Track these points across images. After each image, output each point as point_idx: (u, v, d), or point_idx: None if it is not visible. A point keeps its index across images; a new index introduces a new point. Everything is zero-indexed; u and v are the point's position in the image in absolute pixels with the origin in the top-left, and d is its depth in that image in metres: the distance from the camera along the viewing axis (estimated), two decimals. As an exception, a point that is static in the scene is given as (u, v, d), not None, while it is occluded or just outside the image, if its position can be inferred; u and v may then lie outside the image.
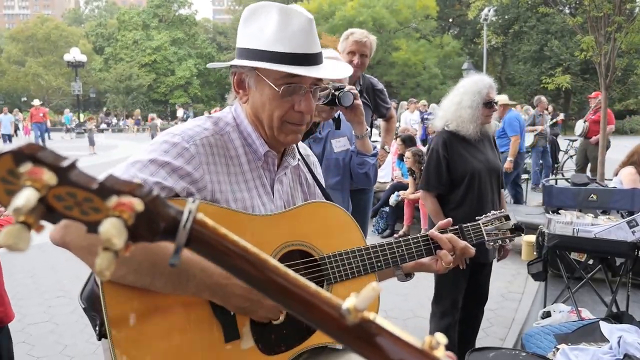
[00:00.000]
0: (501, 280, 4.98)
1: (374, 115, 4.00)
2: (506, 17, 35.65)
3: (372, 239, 5.70)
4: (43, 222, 0.54)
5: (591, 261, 4.19)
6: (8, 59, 50.13)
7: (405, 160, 6.83)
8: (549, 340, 2.90)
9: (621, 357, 2.45)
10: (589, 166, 9.49)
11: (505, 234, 1.68)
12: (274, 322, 1.25)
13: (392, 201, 7.00)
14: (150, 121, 27.31)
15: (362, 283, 1.37)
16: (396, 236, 6.65)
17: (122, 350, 1.11)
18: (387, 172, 7.71)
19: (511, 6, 29.42)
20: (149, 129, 26.00)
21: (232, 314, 1.23)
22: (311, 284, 0.58)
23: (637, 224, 3.32)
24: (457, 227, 1.57)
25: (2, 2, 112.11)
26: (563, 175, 10.09)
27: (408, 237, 1.49)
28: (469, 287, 3.06)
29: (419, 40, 39.32)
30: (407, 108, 14.45)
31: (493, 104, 2.94)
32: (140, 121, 35.56)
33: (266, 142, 1.40)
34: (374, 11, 37.06)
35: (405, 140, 7.34)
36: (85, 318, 1.41)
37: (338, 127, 2.60)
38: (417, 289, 4.42)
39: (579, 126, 9.85)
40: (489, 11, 22.91)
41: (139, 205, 0.54)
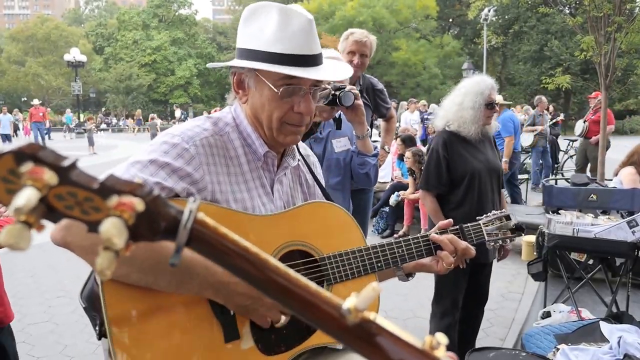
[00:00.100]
0: (501, 280, 4.98)
1: (374, 115, 4.00)
2: (506, 17, 35.66)
3: (372, 239, 5.70)
4: (44, 222, 0.54)
5: (591, 261, 4.19)
6: (8, 59, 50.18)
7: (405, 160, 6.82)
8: (549, 340, 2.90)
9: (621, 357, 2.45)
10: (589, 166, 9.48)
11: (506, 234, 1.67)
12: (276, 326, 1.25)
13: (392, 201, 7.00)
14: (150, 121, 27.30)
15: (362, 283, 1.37)
16: (396, 236, 6.64)
17: (122, 349, 1.11)
18: (387, 172, 7.71)
19: (511, 6, 29.44)
20: (149, 129, 25.99)
21: (232, 314, 1.23)
22: (312, 284, 0.58)
23: (637, 224, 3.32)
24: (458, 227, 1.56)
25: (2, 2, 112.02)
26: (563, 175, 10.08)
27: (408, 237, 1.49)
28: (469, 287, 3.06)
29: (419, 40, 39.35)
30: (407, 108, 14.45)
31: (494, 105, 2.94)
32: (141, 121, 35.57)
33: (266, 143, 1.39)
34: (374, 11, 37.08)
35: (405, 140, 7.33)
36: (85, 318, 1.41)
37: (339, 127, 2.59)
38: (417, 289, 4.42)
39: (579, 126, 9.86)
40: (489, 11, 22.95)
41: (140, 204, 0.55)
